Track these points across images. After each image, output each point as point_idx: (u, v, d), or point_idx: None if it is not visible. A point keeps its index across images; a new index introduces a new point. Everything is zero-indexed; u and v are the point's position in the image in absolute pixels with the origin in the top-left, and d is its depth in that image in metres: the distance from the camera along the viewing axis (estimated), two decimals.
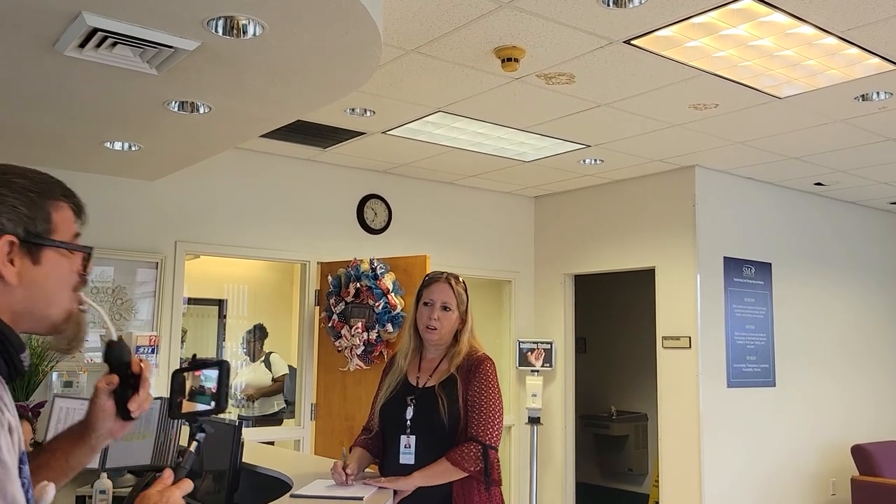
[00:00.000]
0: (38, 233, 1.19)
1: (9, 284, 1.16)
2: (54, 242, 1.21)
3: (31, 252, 1.19)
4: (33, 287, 1.19)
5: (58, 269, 1.22)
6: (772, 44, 3.43)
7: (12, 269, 1.16)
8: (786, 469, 6.00)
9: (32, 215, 1.19)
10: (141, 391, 1.40)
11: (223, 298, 7.25)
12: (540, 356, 6.37)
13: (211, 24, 2.50)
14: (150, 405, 1.43)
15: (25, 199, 1.19)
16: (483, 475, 2.54)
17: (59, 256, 1.23)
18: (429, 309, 2.70)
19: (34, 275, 1.19)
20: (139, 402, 1.40)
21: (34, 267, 1.19)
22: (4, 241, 1.15)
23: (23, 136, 3.91)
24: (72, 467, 1.40)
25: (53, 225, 1.22)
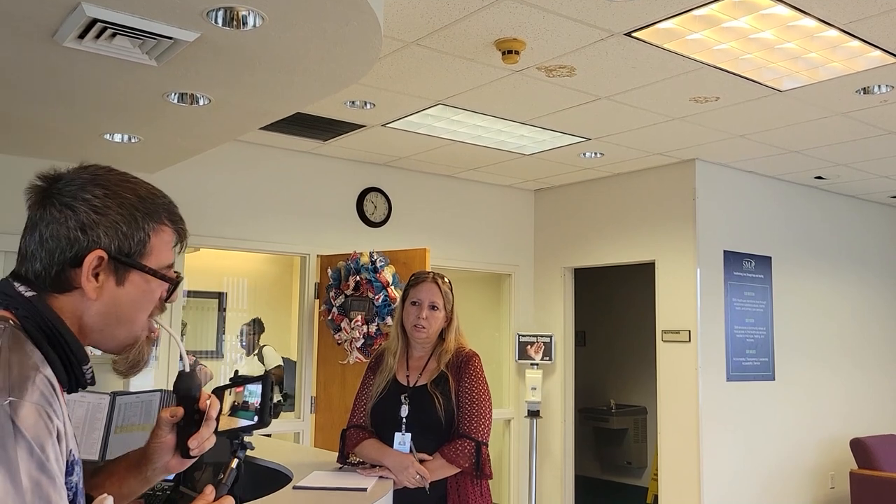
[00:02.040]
0: (129, 253, 1.16)
1: (88, 298, 1.13)
2: (144, 268, 1.18)
3: (118, 271, 1.15)
4: (110, 306, 1.16)
5: (139, 293, 1.19)
6: (773, 36, 3.43)
7: (94, 283, 1.13)
8: (785, 462, 6.02)
9: (130, 235, 1.16)
10: (204, 429, 1.32)
11: (223, 291, 7.25)
12: (539, 349, 6.38)
13: (210, 15, 2.49)
14: (210, 445, 1.35)
15: (129, 216, 1.16)
16: (475, 470, 2.59)
17: (145, 282, 1.19)
18: (417, 308, 2.75)
19: (115, 294, 1.16)
20: (200, 441, 1.32)
21: (116, 287, 1.16)
22: (94, 256, 1.12)
23: (22, 127, 3.91)
24: (124, 495, 1.34)
25: (149, 248, 1.18)
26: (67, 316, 1.13)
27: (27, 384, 0.99)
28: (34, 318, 1.10)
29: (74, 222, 1.13)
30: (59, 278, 1.13)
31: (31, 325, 1.09)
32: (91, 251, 1.12)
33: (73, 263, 1.12)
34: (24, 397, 0.98)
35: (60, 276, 1.13)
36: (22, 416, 0.97)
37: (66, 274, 1.13)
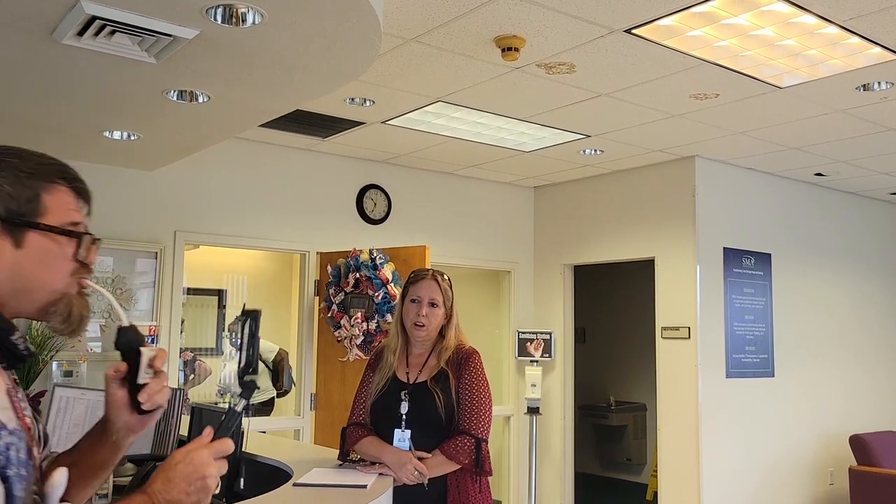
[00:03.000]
0: (20, 213, 1.13)
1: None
2: (38, 225, 1.14)
3: (13, 233, 1.13)
4: (14, 269, 1.13)
5: (43, 253, 1.15)
6: (773, 33, 3.42)
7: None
8: (784, 459, 6.02)
9: (17, 194, 1.13)
10: (153, 382, 1.28)
11: (223, 289, 7.25)
12: (539, 346, 6.38)
13: (210, 13, 2.49)
14: (165, 398, 1.31)
15: (13, 178, 1.14)
16: (475, 466, 2.60)
17: (47, 241, 1.16)
18: (416, 306, 2.76)
19: (16, 257, 1.13)
20: (150, 394, 1.28)
21: (16, 250, 1.13)
22: None
23: (21, 124, 3.90)
24: (99, 465, 1.33)
25: (42, 207, 1.15)
26: None
27: None
28: None
29: None
30: None
31: None
32: None
33: None
34: None
35: None
36: None
37: None
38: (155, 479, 1.19)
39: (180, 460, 1.20)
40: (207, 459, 1.21)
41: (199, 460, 1.20)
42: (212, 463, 1.21)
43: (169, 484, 1.18)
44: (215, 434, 1.26)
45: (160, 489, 1.18)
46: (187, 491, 1.18)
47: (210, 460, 1.21)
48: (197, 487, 1.19)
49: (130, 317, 4.74)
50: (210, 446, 1.23)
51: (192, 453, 1.21)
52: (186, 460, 1.20)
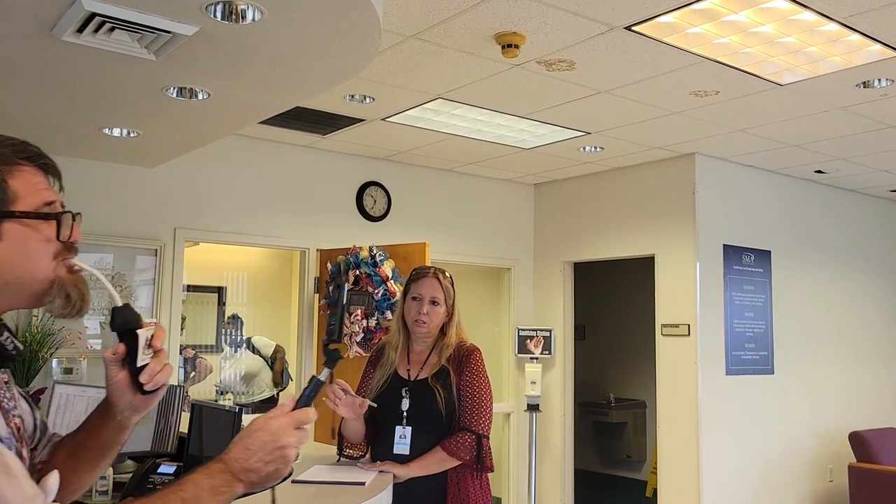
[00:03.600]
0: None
1: None
2: (12, 213, 1.08)
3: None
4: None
5: (24, 242, 1.09)
6: (773, 30, 3.42)
7: None
8: (783, 456, 6.03)
9: None
10: (153, 361, 1.24)
11: (222, 286, 7.25)
12: (539, 344, 6.38)
13: (209, 9, 2.48)
14: (168, 376, 1.26)
15: None
16: (476, 463, 2.60)
17: (25, 228, 1.09)
18: (418, 303, 2.76)
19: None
20: (151, 374, 1.23)
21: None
22: None
23: (20, 121, 3.90)
24: (105, 446, 1.30)
25: (11, 194, 1.09)
26: None
27: None
28: None
29: None
30: None
31: None
32: None
33: None
34: None
35: None
36: None
37: None
38: (233, 447, 1.16)
39: (259, 427, 1.17)
40: (287, 428, 1.18)
41: (279, 429, 1.17)
42: (292, 432, 1.18)
43: (247, 452, 1.15)
44: (297, 403, 1.24)
45: (237, 457, 1.15)
46: (265, 460, 1.15)
47: (290, 429, 1.19)
48: (275, 457, 1.16)
49: None
50: (290, 415, 1.20)
51: (272, 421, 1.18)
52: (265, 428, 1.17)
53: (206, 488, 1.11)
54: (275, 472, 1.16)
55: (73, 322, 4.54)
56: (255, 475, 1.15)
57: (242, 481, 1.14)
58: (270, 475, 1.16)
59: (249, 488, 1.15)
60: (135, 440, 3.26)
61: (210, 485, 1.11)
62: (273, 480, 1.17)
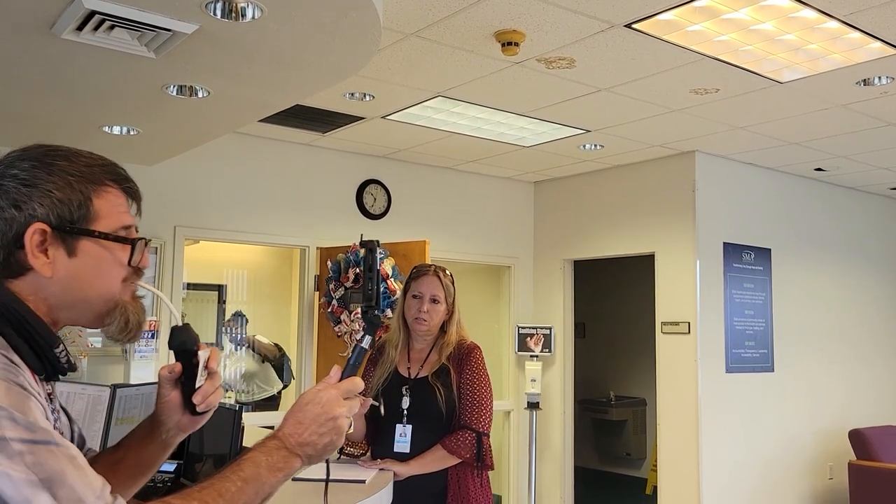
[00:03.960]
0: (72, 220, 1.09)
1: (43, 277, 1.08)
2: (92, 233, 1.10)
3: (66, 242, 1.09)
4: (69, 280, 1.10)
5: (97, 261, 1.12)
6: (773, 28, 3.42)
7: (45, 260, 1.07)
8: (783, 454, 6.03)
9: (67, 201, 1.09)
10: (207, 383, 1.25)
11: (222, 284, 7.25)
12: (539, 341, 6.38)
13: (209, 7, 2.48)
14: (219, 399, 1.28)
15: (62, 181, 1.10)
16: (477, 461, 2.61)
17: (100, 248, 1.12)
18: (418, 301, 2.76)
19: (70, 267, 1.09)
20: (204, 395, 1.25)
21: (70, 259, 1.09)
22: (34, 230, 1.06)
23: (20, 119, 3.90)
24: (146, 464, 1.32)
25: (94, 212, 1.11)
26: (31, 299, 1.08)
27: None
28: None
29: (6, 201, 1.07)
30: (10, 263, 1.08)
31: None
32: (29, 226, 1.07)
33: (17, 244, 1.07)
34: None
35: (10, 260, 1.08)
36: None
37: (15, 257, 1.08)
38: (285, 423, 1.17)
39: (310, 400, 1.18)
40: (337, 399, 1.19)
41: (329, 400, 1.18)
42: (342, 402, 1.19)
43: (300, 426, 1.16)
44: (343, 374, 1.24)
45: (291, 432, 1.16)
46: (319, 432, 1.16)
47: (340, 400, 1.19)
48: (329, 428, 1.17)
49: None
50: (338, 386, 1.21)
51: (321, 393, 1.19)
52: (315, 401, 1.18)
53: (264, 466, 1.12)
54: (330, 444, 1.17)
55: None
56: (312, 448, 1.16)
57: (299, 455, 1.15)
58: (326, 446, 1.17)
59: (307, 462, 1.17)
60: None
61: (268, 462, 1.12)
62: (329, 452, 1.18)
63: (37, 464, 0.94)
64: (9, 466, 0.92)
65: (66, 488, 0.94)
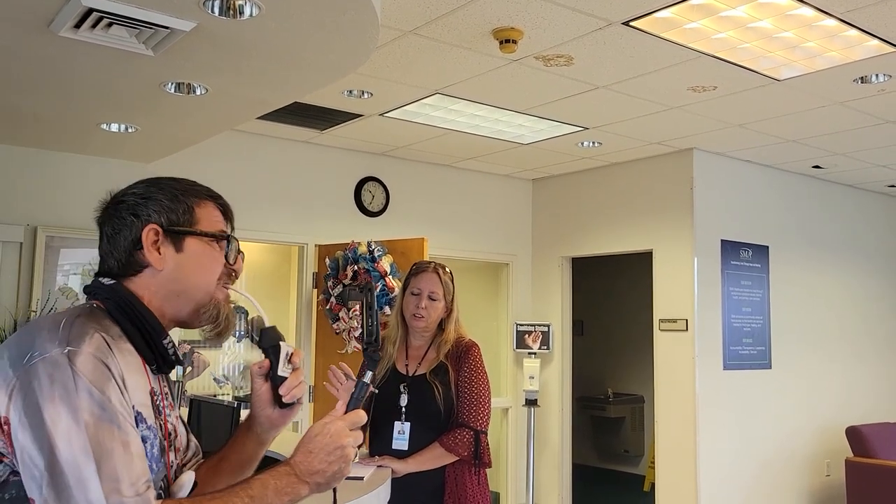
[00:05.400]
0: (179, 222, 1.32)
1: (156, 269, 1.30)
2: (196, 231, 1.33)
3: (175, 241, 1.31)
4: (176, 272, 1.31)
5: (199, 256, 1.33)
6: (771, 25, 3.42)
7: (157, 255, 1.29)
8: (781, 450, 6.05)
9: (175, 207, 1.33)
10: (291, 377, 1.42)
11: None
12: (537, 339, 6.39)
13: (207, 5, 2.48)
14: (303, 392, 1.44)
15: (170, 194, 1.34)
16: (474, 459, 2.61)
17: (202, 245, 1.34)
18: (416, 298, 2.76)
19: (177, 260, 1.31)
20: (289, 388, 1.41)
21: (177, 254, 1.31)
22: (150, 229, 1.30)
23: (18, 116, 3.90)
24: (245, 461, 1.45)
25: (196, 217, 1.34)
26: (144, 294, 1.30)
27: (84, 338, 1.16)
28: (114, 300, 1.27)
29: (127, 212, 1.32)
30: (130, 262, 1.31)
31: (112, 306, 1.27)
32: (145, 227, 1.30)
33: (135, 246, 1.30)
34: (82, 347, 1.14)
35: (130, 260, 1.31)
36: (80, 363, 1.12)
37: (134, 257, 1.30)
38: (296, 452, 1.28)
39: (318, 433, 1.29)
40: (343, 430, 1.30)
41: (337, 431, 1.29)
42: (348, 433, 1.30)
43: (310, 455, 1.27)
44: (348, 407, 1.35)
45: (301, 460, 1.26)
46: (328, 461, 1.27)
47: (346, 431, 1.30)
48: (337, 457, 1.27)
49: None
50: (344, 418, 1.32)
51: (329, 425, 1.30)
52: (324, 432, 1.29)
53: (271, 488, 1.22)
54: (338, 472, 1.28)
55: None
56: (321, 476, 1.27)
57: (308, 483, 1.26)
58: (335, 474, 1.28)
59: (315, 490, 1.27)
60: None
61: (276, 486, 1.23)
62: (337, 480, 1.29)
63: (95, 437, 1.09)
64: (74, 431, 1.09)
65: (109, 466, 1.09)
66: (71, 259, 4.63)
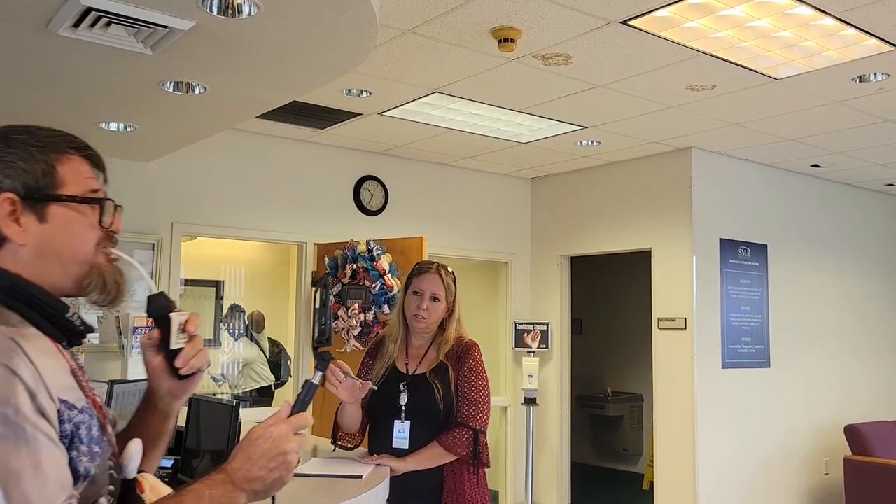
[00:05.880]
0: (38, 188, 1.12)
1: (17, 245, 1.10)
2: (60, 197, 1.13)
3: (36, 208, 1.12)
4: (44, 245, 1.12)
5: (67, 224, 1.14)
6: (769, 24, 3.43)
7: (17, 228, 1.10)
8: (779, 449, 6.06)
9: (31, 170, 1.12)
10: (187, 346, 1.27)
11: (220, 280, 7.25)
12: (536, 337, 6.40)
13: (206, 4, 2.48)
14: (203, 361, 1.29)
15: (24, 153, 1.13)
16: (473, 458, 2.61)
17: (70, 211, 1.14)
18: (418, 299, 2.76)
19: (43, 232, 1.12)
20: (185, 358, 1.27)
21: (41, 225, 1.12)
22: (4, 199, 1.09)
23: (16, 116, 3.88)
24: (154, 436, 1.33)
25: (59, 179, 1.14)
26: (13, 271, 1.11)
27: None
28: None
29: None
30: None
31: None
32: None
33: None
34: None
35: None
36: None
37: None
38: (234, 457, 1.17)
39: (259, 436, 1.18)
40: (287, 435, 1.19)
41: (279, 436, 1.18)
42: (292, 438, 1.19)
43: (249, 461, 1.16)
44: (293, 409, 1.24)
45: (239, 466, 1.16)
46: (268, 467, 1.16)
47: (290, 435, 1.19)
48: (278, 463, 1.17)
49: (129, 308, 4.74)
50: (288, 421, 1.21)
51: (272, 429, 1.19)
52: (265, 436, 1.18)
53: (206, 499, 1.12)
54: (279, 479, 1.17)
55: None
56: (260, 483, 1.16)
57: (245, 491, 1.15)
58: (275, 482, 1.17)
59: (253, 498, 1.16)
60: None
61: (211, 495, 1.13)
62: (277, 488, 1.18)
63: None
64: None
65: (18, 492, 0.95)
66: None
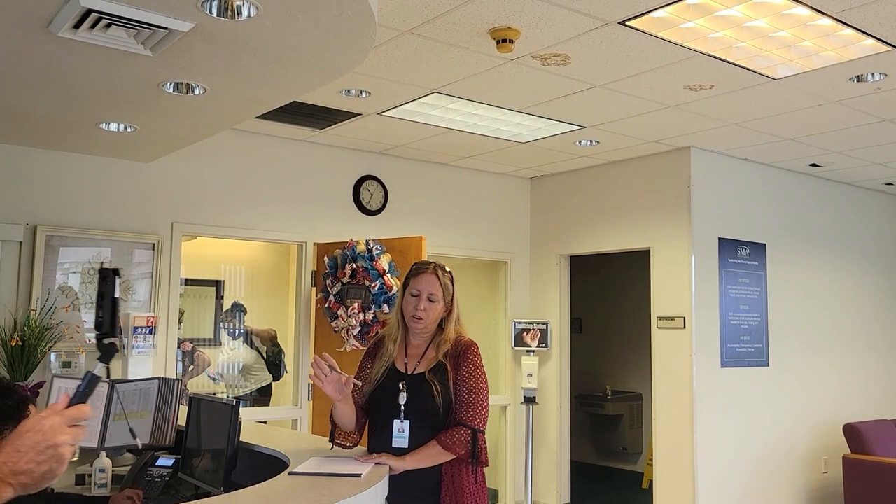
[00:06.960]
0: None
1: None
2: None
3: None
4: None
5: None
6: (767, 25, 3.44)
7: None
8: (778, 448, 6.07)
9: None
10: None
11: (220, 279, 7.26)
12: (535, 336, 6.41)
13: (205, 6, 2.49)
14: None
15: None
16: (471, 457, 2.62)
17: None
18: (415, 299, 2.76)
19: None
20: None
21: None
22: None
23: (17, 117, 3.91)
24: None
25: None
26: None
27: None
28: None
29: None
30: None
31: None
32: None
33: None
34: None
35: None
36: None
37: None
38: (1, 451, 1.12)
39: (30, 428, 1.12)
40: (59, 427, 1.13)
41: (51, 427, 1.13)
42: (65, 430, 1.14)
43: (17, 454, 1.11)
44: (72, 400, 1.18)
45: (6, 461, 1.10)
46: (37, 460, 1.11)
47: (63, 427, 1.14)
48: (48, 456, 1.12)
49: (129, 308, 4.76)
50: (63, 413, 1.16)
51: (44, 420, 1.13)
52: (36, 428, 1.12)
53: None
54: (49, 472, 1.12)
55: (71, 316, 4.56)
56: (27, 476, 1.11)
57: (11, 484, 1.10)
58: (45, 475, 1.12)
59: (21, 491, 1.11)
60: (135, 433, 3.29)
61: None
62: (48, 481, 1.13)
63: None
64: None
65: None
66: (70, 258, 4.65)
